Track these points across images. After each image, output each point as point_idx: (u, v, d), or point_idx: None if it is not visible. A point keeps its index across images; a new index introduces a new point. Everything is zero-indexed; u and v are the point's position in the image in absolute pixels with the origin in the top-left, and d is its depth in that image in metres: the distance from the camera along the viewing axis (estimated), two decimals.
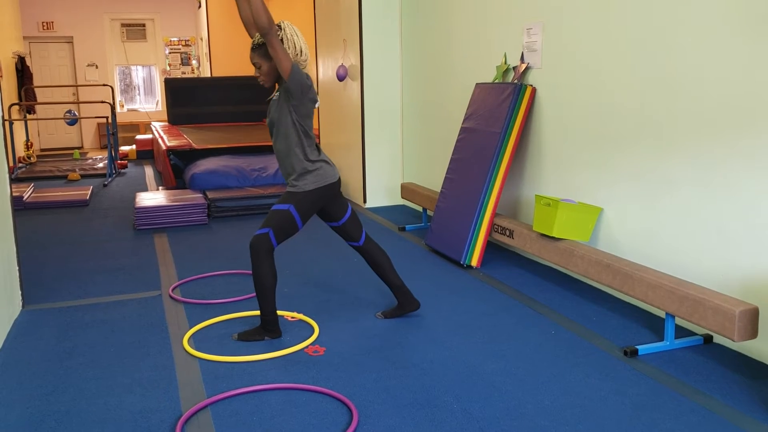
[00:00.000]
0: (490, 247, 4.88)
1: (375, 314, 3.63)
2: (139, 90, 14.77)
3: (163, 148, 8.09)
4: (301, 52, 3.21)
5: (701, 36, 3.17)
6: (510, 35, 4.69)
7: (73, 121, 11.40)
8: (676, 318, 3.12)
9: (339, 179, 3.37)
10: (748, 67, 2.93)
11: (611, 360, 3.01)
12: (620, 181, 3.75)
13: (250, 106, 11.60)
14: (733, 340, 2.77)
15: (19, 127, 10.63)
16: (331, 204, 3.38)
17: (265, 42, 3.09)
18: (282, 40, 3.14)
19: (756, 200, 2.94)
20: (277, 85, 3.30)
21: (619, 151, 3.75)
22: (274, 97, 3.30)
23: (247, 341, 3.28)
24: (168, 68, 14.59)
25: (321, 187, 3.26)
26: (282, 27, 3.17)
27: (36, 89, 11.72)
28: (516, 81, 4.56)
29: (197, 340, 3.32)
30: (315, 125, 8.59)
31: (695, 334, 3.26)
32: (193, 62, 14.76)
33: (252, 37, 3.28)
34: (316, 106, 3.29)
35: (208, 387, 2.81)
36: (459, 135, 4.97)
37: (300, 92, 3.16)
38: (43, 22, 13.37)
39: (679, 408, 2.57)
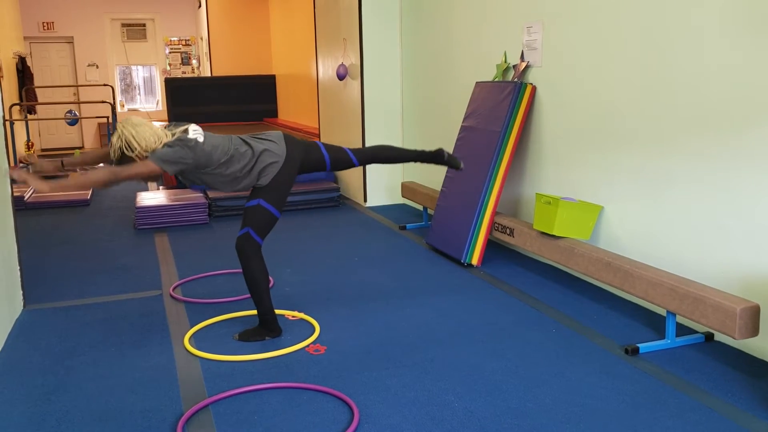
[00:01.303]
0: (491, 245, 4.88)
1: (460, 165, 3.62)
2: (139, 90, 14.77)
3: None
4: (150, 141, 2.96)
5: (701, 34, 3.17)
6: (510, 33, 4.69)
7: (73, 121, 11.41)
8: (677, 316, 3.12)
9: (294, 153, 3.24)
10: (749, 66, 2.93)
11: (612, 358, 3.01)
12: (620, 179, 3.75)
13: (250, 105, 11.61)
14: (734, 338, 2.76)
15: (19, 128, 10.63)
16: (304, 167, 3.32)
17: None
18: (126, 152, 2.95)
19: (756, 198, 2.94)
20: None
21: (619, 149, 3.75)
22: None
23: (247, 341, 3.28)
24: (168, 68, 14.59)
25: (277, 172, 3.18)
26: (113, 144, 2.96)
27: (37, 89, 11.71)
28: (516, 79, 4.55)
29: (198, 340, 3.32)
30: (315, 124, 8.59)
31: (696, 332, 3.26)
32: (194, 62, 14.76)
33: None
34: (230, 151, 3.13)
35: (209, 386, 2.82)
36: (459, 133, 4.97)
37: (194, 165, 3.05)
38: (43, 23, 13.37)
39: (680, 406, 2.57)
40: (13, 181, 2.78)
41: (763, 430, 2.40)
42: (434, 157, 3.60)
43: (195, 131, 3.11)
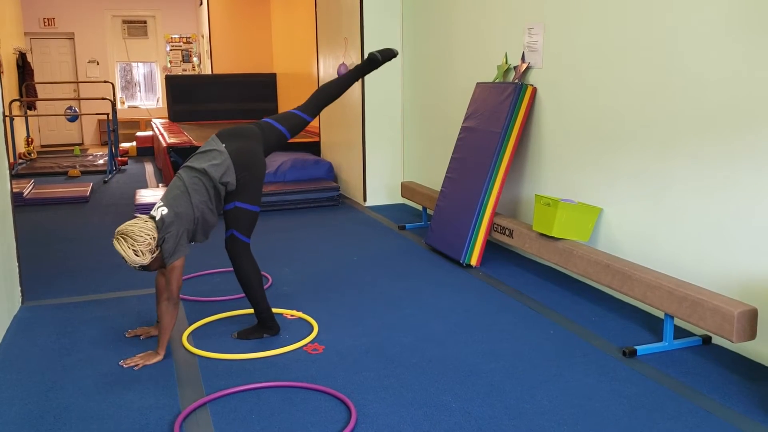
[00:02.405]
0: (490, 246, 4.88)
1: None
2: (139, 87, 14.76)
3: (164, 145, 8.09)
4: (153, 243, 2.92)
5: (701, 36, 3.17)
6: (511, 35, 4.69)
7: (73, 118, 11.40)
8: (675, 318, 3.12)
9: (246, 147, 3.21)
10: (749, 68, 2.93)
11: (610, 360, 3.01)
12: (620, 181, 3.75)
13: (251, 103, 11.60)
14: (732, 341, 2.77)
15: (19, 123, 10.63)
16: (267, 150, 3.31)
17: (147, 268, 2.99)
18: (145, 267, 2.96)
19: (755, 201, 2.94)
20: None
21: (619, 151, 3.75)
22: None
23: (246, 339, 3.28)
24: (169, 65, 14.59)
25: (239, 172, 3.16)
26: (125, 260, 2.90)
27: (37, 85, 11.72)
28: (517, 80, 4.56)
29: (196, 338, 3.33)
30: (315, 123, 8.58)
31: (694, 334, 3.26)
32: (194, 59, 14.76)
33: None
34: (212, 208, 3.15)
35: (207, 384, 2.82)
36: (459, 134, 4.97)
37: (189, 226, 3.05)
38: (44, 19, 13.37)
39: (677, 408, 2.57)
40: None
41: None
42: (370, 63, 3.55)
43: (156, 209, 3.05)
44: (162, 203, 3.06)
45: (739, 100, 2.99)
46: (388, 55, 3.58)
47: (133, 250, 2.88)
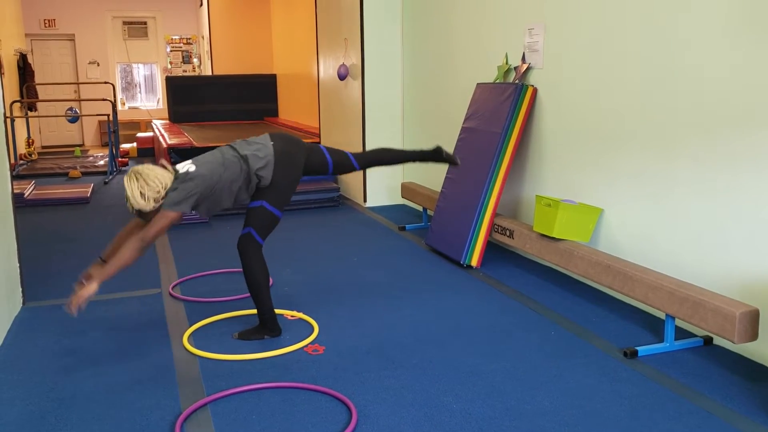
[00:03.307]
0: (490, 247, 4.88)
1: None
2: (140, 88, 14.77)
3: (164, 145, 8.09)
4: (160, 188, 2.96)
5: (701, 36, 3.17)
6: (511, 35, 4.69)
7: (74, 119, 11.40)
8: (676, 319, 3.12)
9: (293, 148, 3.24)
10: (749, 68, 2.93)
11: (611, 361, 3.01)
12: (621, 181, 3.75)
13: (251, 104, 11.60)
14: (734, 342, 2.77)
15: (20, 124, 10.63)
16: (307, 168, 3.33)
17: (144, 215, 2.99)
18: (143, 208, 2.97)
19: (756, 201, 2.94)
20: None
21: (619, 152, 3.75)
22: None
23: (247, 340, 3.28)
24: (169, 66, 14.59)
25: (277, 170, 3.17)
26: (128, 198, 2.96)
27: (37, 86, 11.71)
28: (517, 81, 4.56)
29: (197, 338, 3.33)
30: (315, 123, 8.58)
31: (695, 335, 3.26)
32: (195, 60, 14.76)
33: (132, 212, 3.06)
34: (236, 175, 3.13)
35: (208, 385, 2.82)
36: (460, 135, 4.97)
37: (203, 192, 3.04)
38: (45, 20, 13.37)
39: (678, 409, 2.57)
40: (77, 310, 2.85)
41: None
42: (433, 154, 3.62)
43: (183, 165, 3.10)
44: (192, 162, 3.10)
45: (740, 101, 2.99)
46: (451, 159, 3.64)
47: (140, 192, 2.90)
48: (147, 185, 2.93)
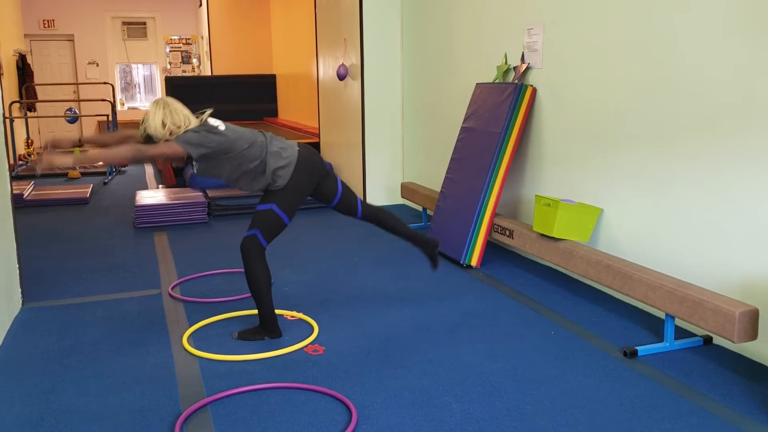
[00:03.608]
0: (490, 247, 4.88)
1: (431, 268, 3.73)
2: (139, 88, 14.76)
3: None
4: (181, 121, 3.03)
5: (701, 36, 3.17)
6: (511, 35, 4.69)
7: (73, 119, 11.39)
8: (676, 319, 3.12)
9: (317, 162, 3.29)
10: (750, 68, 2.93)
11: (611, 361, 3.01)
12: (620, 181, 3.75)
13: (251, 104, 11.61)
14: (733, 342, 2.77)
15: (19, 125, 10.62)
16: (318, 188, 3.38)
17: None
18: (153, 134, 3.01)
19: (756, 201, 2.94)
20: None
21: (619, 151, 3.75)
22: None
23: (246, 340, 3.28)
24: (169, 66, 14.59)
25: (295, 176, 3.19)
26: (143, 120, 3.04)
27: (37, 87, 11.71)
28: (516, 81, 4.56)
29: (197, 339, 3.32)
30: (315, 124, 8.58)
31: (695, 335, 3.26)
32: (194, 61, 14.76)
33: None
34: (225, 133, 3.13)
35: (208, 386, 2.81)
36: (459, 135, 4.97)
37: (214, 149, 3.06)
38: (44, 20, 13.37)
39: (678, 409, 2.57)
40: (34, 176, 2.82)
41: None
42: (426, 243, 3.61)
43: (215, 121, 3.15)
44: (222, 123, 3.13)
45: (741, 100, 2.99)
46: (435, 261, 3.67)
47: (162, 120, 2.96)
48: (172, 117, 2.99)
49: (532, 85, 4.46)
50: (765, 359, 2.97)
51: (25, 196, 6.92)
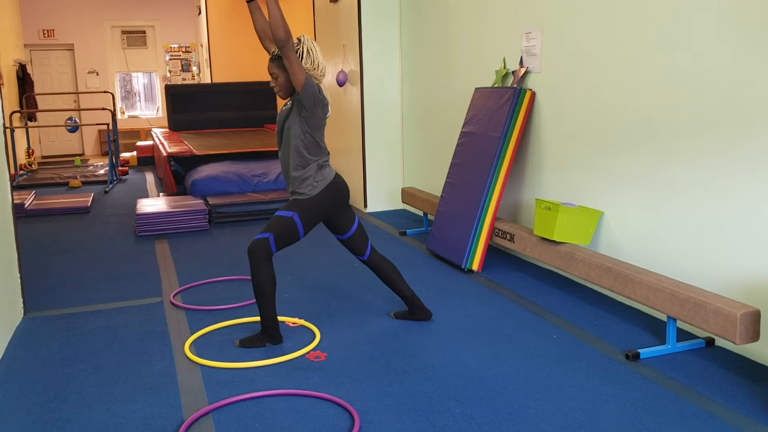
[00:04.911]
0: (491, 251, 4.88)
1: (388, 313, 3.66)
2: (139, 96, 14.79)
3: (164, 154, 8.10)
4: (318, 66, 3.22)
5: (700, 38, 3.17)
6: (509, 39, 4.70)
7: (74, 128, 11.42)
8: (678, 321, 3.12)
9: (346, 191, 3.39)
10: (748, 70, 2.94)
11: (613, 363, 3.01)
12: (620, 184, 3.75)
13: (251, 112, 11.61)
14: (735, 343, 2.76)
15: (20, 135, 10.64)
16: (337, 215, 3.39)
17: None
18: (299, 53, 3.15)
19: (757, 202, 2.94)
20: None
21: (619, 154, 3.75)
22: (287, 106, 3.30)
23: (248, 347, 3.28)
24: (168, 75, 14.62)
25: (324, 194, 3.26)
26: (301, 41, 3.19)
27: (37, 97, 11.73)
28: (515, 85, 4.56)
29: (199, 347, 3.32)
30: None
31: (697, 337, 3.25)
32: (194, 68, 14.79)
33: (267, 50, 3.30)
34: (328, 116, 3.31)
35: (210, 393, 2.81)
36: (459, 139, 4.98)
37: (312, 105, 3.18)
38: (43, 30, 13.40)
39: (681, 411, 2.57)
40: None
41: None
42: (419, 310, 3.58)
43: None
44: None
45: (740, 102, 2.99)
46: (419, 318, 3.61)
47: (318, 53, 3.22)
48: (316, 59, 3.19)
49: (530, 89, 4.46)
50: (767, 360, 2.96)
51: (26, 206, 6.93)
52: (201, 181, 6.86)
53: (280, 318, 3.59)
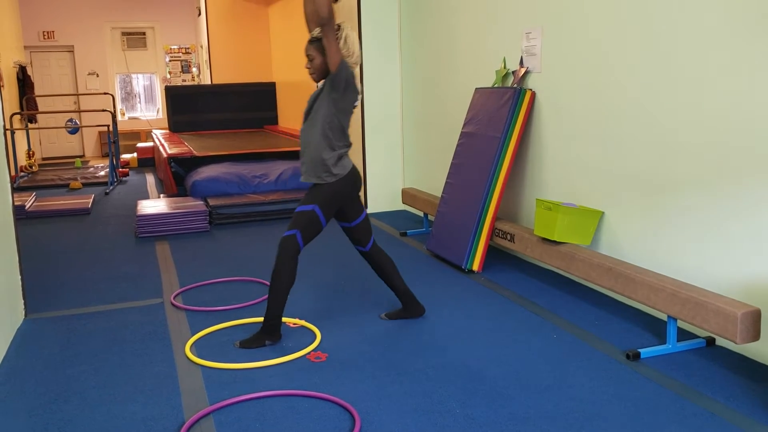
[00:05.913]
0: (492, 251, 4.88)
1: (379, 315, 3.66)
2: (139, 98, 14.80)
3: (164, 155, 8.10)
4: (353, 54, 3.28)
5: (702, 37, 3.17)
6: (509, 39, 4.70)
7: (74, 130, 11.43)
8: (678, 321, 3.12)
9: (360, 180, 3.44)
10: (749, 69, 2.94)
11: (613, 363, 3.01)
12: (621, 184, 3.75)
13: (251, 113, 11.62)
14: (736, 343, 2.76)
15: (20, 137, 10.65)
16: (348, 204, 3.43)
17: (321, 36, 3.17)
18: (338, 37, 3.22)
19: (757, 202, 2.94)
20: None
21: (619, 154, 3.75)
22: (318, 87, 3.36)
23: (249, 348, 3.28)
24: (168, 76, 14.62)
25: (343, 183, 3.30)
26: (341, 27, 3.27)
27: (37, 98, 11.74)
28: (515, 85, 4.57)
29: (199, 348, 3.33)
30: None
31: (697, 336, 3.25)
32: (194, 70, 14.80)
33: (311, 32, 3.36)
34: (356, 104, 3.36)
35: (211, 394, 2.82)
36: (459, 140, 4.98)
37: (344, 87, 3.22)
38: (43, 32, 13.41)
39: (681, 411, 2.57)
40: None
41: None
42: (414, 306, 3.62)
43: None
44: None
45: (741, 100, 2.99)
46: (412, 316, 3.65)
47: (354, 40, 3.28)
48: (353, 46, 3.26)
49: (531, 89, 4.47)
50: (767, 360, 2.97)
51: (26, 208, 6.93)
52: (201, 182, 6.86)
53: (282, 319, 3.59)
